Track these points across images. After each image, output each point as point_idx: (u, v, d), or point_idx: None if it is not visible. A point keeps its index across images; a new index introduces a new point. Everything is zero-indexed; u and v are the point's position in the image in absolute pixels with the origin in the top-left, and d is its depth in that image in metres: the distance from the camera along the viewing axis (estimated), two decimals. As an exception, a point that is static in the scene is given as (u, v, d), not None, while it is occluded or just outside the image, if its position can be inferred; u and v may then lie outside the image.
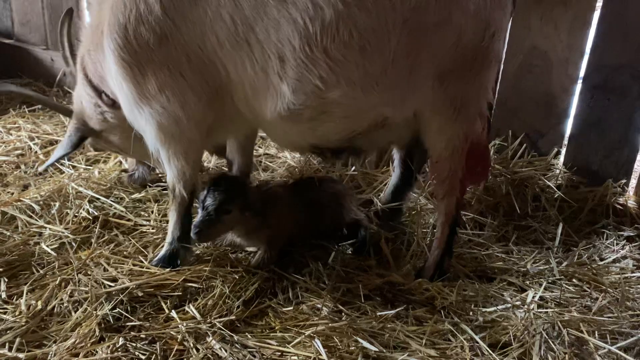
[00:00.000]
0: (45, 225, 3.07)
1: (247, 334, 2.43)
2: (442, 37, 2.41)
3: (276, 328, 2.46)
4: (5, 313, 2.46)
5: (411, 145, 2.98)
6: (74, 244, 2.93)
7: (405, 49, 2.38)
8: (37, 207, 3.22)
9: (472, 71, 2.54)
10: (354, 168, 3.68)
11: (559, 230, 3.19)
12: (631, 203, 3.40)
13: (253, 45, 2.38)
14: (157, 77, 2.49)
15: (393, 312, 2.51)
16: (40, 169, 3.49)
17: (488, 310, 2.57)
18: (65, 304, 2.50)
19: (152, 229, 3.09)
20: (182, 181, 2.71)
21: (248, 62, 2.41)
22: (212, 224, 2.58)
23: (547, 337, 2.39)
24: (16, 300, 2.55)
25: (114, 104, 2.92)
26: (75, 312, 2.47)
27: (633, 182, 3.47)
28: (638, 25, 3.21)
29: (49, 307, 2.49)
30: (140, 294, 2.57)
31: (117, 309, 2.48)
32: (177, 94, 2.52)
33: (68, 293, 2.55)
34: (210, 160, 3.87)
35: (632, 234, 3.24)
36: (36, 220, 3.11)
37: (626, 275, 2.90)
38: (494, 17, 2.45)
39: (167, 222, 2.99)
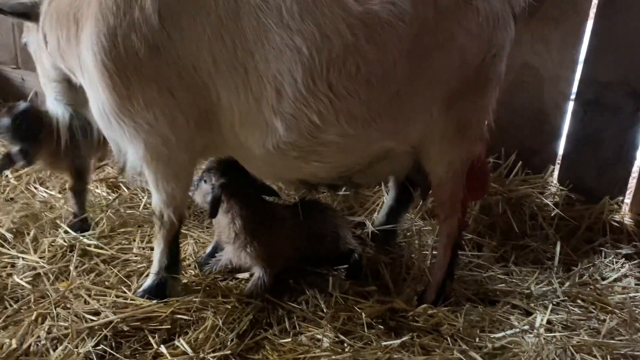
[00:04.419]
0: (19, 254, 2.85)
1: (243, 369, 2.27)
2: (446, 59, 2.33)
3: (274, 362, 2.30)
4: (-25, 354, 2.24)
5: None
6: (50, 275, 2.72)
7: (410, 76, 2.29)
8: (9, 235, 3.00)
9: (475, 93, 2.46)
10: (345, 188, 3.56)
11: (558, 250, 3.12)
12: (627, 220, 3.36)
13: (250, 73, 2.22)
14: (144, 91, 2.29)
15: (398, 341, 2.37)
16: None
17: (496, 336, 2.46)
18: (42, 342, 2.30)
19: (136, 256, 2.90)
20: (172, 206, 2.51)
21: (242, 90, 2.26)
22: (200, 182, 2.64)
23: (560, 363, 2.30)
24: (-12, 339, 2.33)
25: None
26: (55, 350, 2.27)
27: (629, 200, 3.43)
28: (629, 41, 3.20)
29: (24, 346, 2.28)
30: (125, 328, 2.38)
31: (101, 346, 2.29)
32: (165, 113, 2.33)
33: (46, 329, 2.35)
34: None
35: (630, 252, 3.18)
36: (8, 249, 2.90)
37: (630, 294, 2.83)
38: (496, 36, 2.38)
39: (151, 249, 2.82)
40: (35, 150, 2.98)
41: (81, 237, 2.98)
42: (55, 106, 2.94)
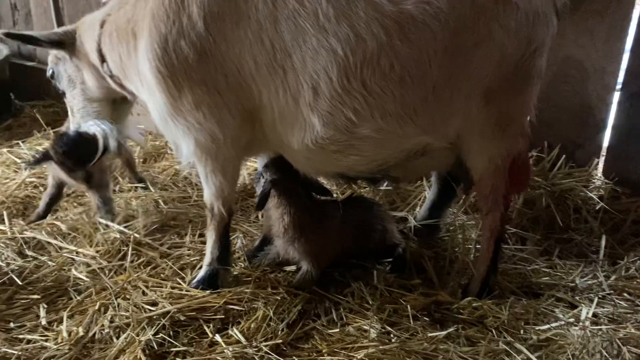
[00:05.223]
0: (78, 249, 3.02)
1: (294, 357, 2.36)
2: (484, 56, 2.35)
3: (324, 351, 2.39)
4: (47, 340, 2.41)
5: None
6: (107, 269, 2.86)
7: (446, 74, 2.33)
8: (67, 231, 3.18)
9: (515, 88, 2.48)
10: (386, 183, 3.61)
11: (603, 243, 3.11)
12: (675, 214, 3.31)
13: (288, 73, 2.33)
14: (194, 93, 2.44)
15: (444, 332, 2.43)
16: None
17: (542, 328, 2.49)
18: (106, 330, 2.45)
19: (188, 250, 3.03)
20: (221, 198, 2.65)
21: (281, 90, 2.37)
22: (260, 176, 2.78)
23: (607, 355, 2.31)
24: (56, 326, 2.50)
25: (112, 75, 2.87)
26: (118, 338, 2.41)
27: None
28: (677, 32, 3.15)
29: (90, 334, 2.44)
30: (182, 317, 2.51)
31: (160, 334, 2.42)
32: (213, 112, 2.47)
33: (108, 318, 2.50)
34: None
35: (677, 246, 3.15)
36: (67, 245, 3.06)
37: (678, 288, 2.81)
38: (536, 32, 2.39)
39: (203, 242, 2.95)
40: (94, 171, 3.12)
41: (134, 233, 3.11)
42: (97, 125, 3.07)
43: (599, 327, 2.51)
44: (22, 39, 3.03)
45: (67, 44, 2.97)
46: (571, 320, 2.54)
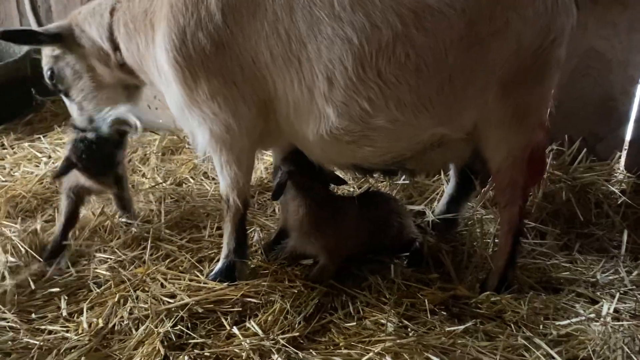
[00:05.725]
0: (99, 244, 3.04)
1: (311, 350, 2.37)
2: (501, 45, 2.32)
3: (341, 344, 2.39)
4: (67, 331, 2.45)
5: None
6: (126, 262, 2.87)
7: (462, 63, 2.31)
8: (86, 223, 3.21)
9: (533, 79, 2.44)
10: (404, 177, 3.59)
11: (624, 238, 3.06)
12: (699, 208, 3.24)
13: (303, 64, 2.34)
14: (210, 83, 2.46)
15: (462, 327, 2.41)
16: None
17: (562, 323, 2.46)
18: (125, 322, 2.48)
19: (206, 243, 3.04)
20: (236, 189, 2.66)
21: (296, 80, 2.38)
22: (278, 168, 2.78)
23: (628, 351, 2.28)
24: (77, 318, 2.54)
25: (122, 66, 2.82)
26: (137, 329, 2.44)
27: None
28: (702, 23, 3.07)
29: (109, 325, 2.47)
30: (200, 310, 2.53)
31: (178, 326, 2.44)
32: (229, 102, 2.49)
33: (128, 310, 2.52)
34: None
35: (701, 240, 3.08)
36: (87, 239, 3.08)
37: (702, 284, 2.76)
38: (555, 22, 2.35)
39: (221, 236, 2.96)
40: (123, 173, 3.01)
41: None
42: (114, 110, 2.92)
43: (620, 322, 2.47)
44: (21, 35, 2.87)
45: (65, 35, 2.86)
46: (592, 315, 2.51)
